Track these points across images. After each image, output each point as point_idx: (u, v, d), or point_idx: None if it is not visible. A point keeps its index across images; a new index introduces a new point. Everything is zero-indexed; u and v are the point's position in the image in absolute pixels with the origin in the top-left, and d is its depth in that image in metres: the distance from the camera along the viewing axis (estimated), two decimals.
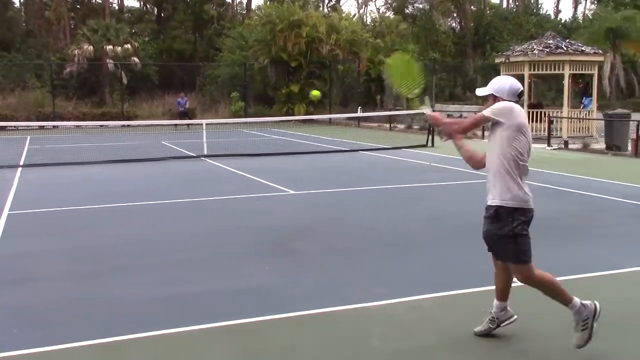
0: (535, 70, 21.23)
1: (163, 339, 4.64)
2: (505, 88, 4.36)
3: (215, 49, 40.86)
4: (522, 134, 4.21)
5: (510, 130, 4.20)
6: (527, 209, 4.23)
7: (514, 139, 4.20)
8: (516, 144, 4.21)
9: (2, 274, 6.29)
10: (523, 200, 4.21)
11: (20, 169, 14.82)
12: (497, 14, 49.86)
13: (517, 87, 4.37)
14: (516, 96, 4.38)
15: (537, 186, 11.69)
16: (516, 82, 4.43)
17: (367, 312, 5.16)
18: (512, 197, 4.21)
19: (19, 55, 37.64)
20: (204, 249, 7.30)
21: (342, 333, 4.73)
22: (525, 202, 4.22)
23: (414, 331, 4.77)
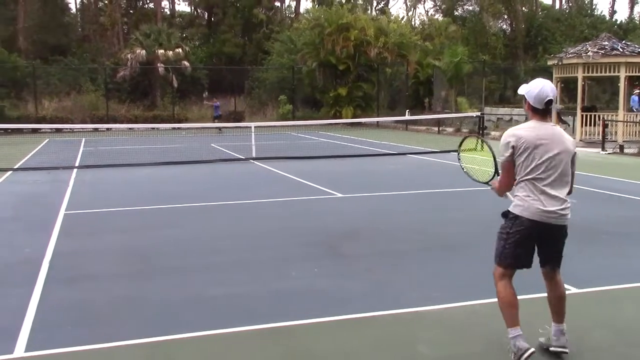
0: (589, 72, 20.70)
1: (210, 340, 4.69)
2: (533, 93, 4.10)
3: (264, 53, 41.24)
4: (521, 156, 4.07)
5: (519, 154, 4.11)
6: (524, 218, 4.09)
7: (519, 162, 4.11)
8: (519, 167, 4.11)
9: (58, 271, 6.46)
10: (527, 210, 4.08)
11: (75, 170, 15.25)
12: (549, 15, 48.85)
13: (544, 95, 4.05)
14: (543, 104, 4.07)
15: (590, 191, 11.41)
16: (547, 89, 4.08)
17: (416, 315, 5.11)
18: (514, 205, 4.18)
19: (74, 60, 38.77)
20: (252, 251, 7.36)
21: (391, 337, 4.70)
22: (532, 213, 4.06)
23: (466, 336, 4.70)
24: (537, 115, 4.13)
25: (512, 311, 4.13)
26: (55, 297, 5.69)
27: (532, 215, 4.07)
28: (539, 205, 4.05)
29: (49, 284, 6.01)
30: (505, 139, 4.14)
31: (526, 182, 4.08)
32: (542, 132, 4.07)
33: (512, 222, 4.14)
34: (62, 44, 40.95)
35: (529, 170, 4.06)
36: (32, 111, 30.55)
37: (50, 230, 8.39)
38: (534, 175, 4.05)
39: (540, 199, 4.05)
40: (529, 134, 4.07)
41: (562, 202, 4.11)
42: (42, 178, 13.86)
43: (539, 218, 4.06)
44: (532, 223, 4.08)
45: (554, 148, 4.05)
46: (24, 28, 39.41)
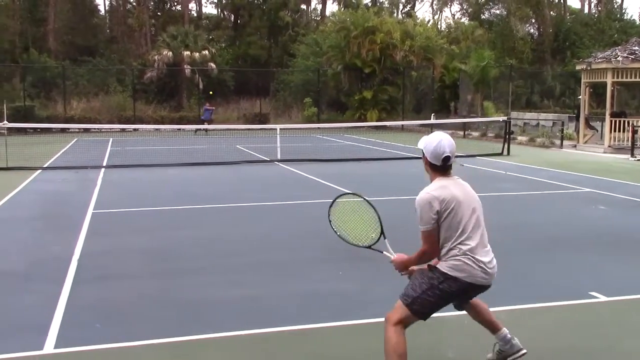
0: (618, 77, 20.41)
1: (234, 341, 4.71)
2: (430, 149, 3.83)
3: (290, 55, 41.38)
4: (448, 218, 3.74)
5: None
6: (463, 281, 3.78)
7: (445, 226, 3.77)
8: (445, 231, 3.77)
9: (87, 270, 6.55)
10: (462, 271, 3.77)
11: (103, 169, 15.44)
12: (577, 19, 48.28)
13: (441, 151, 3.79)
14: (440, 160, 3.82)
15: (619, 198, 11.25)
16: (445, 143, 3.82)
17: (442, 320, 5.08)
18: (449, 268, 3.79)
19: (102, 61, 39.27)
20: (277, 252, 7.38)
21: (416, 342, 4.67)
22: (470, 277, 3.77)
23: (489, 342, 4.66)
24: (438, 172, 3.88)
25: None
26: (84, 295, 5.77)
27: (470, 279, 3.77)
28: (473, 268, 3.75)
29: (77, 282, 6.09)
30: (429, 204, 3.74)
31: (454, 243, 3.76)
32: (455, 190, 3.81)
33: (442, 278, 3.78)
34: (91, 45, 41.51)
35: (455, 231, 3.75)
36: (61, 111, 31.00)
37: (79, 229, 8.50)
38: (461, 234, 3.75)
39: (475, 261, 3.75)
40: (447, 193, 3.77)
41: (492, 260, 3.87)
42: (70, 177, 14.06)
43: (475, 281, 3.79)
44: (467, 285, 3.79)
45: (470, 203, 3.82)
46: (54, 29, 40.03)
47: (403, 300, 3.88)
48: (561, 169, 15.54)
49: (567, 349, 4.56)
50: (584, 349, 4.53)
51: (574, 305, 5.48)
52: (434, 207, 3.73)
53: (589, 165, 16.71)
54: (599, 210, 10.15)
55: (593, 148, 21.08)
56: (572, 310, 5.40)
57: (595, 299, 5.62)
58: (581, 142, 21.95)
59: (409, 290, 3.89)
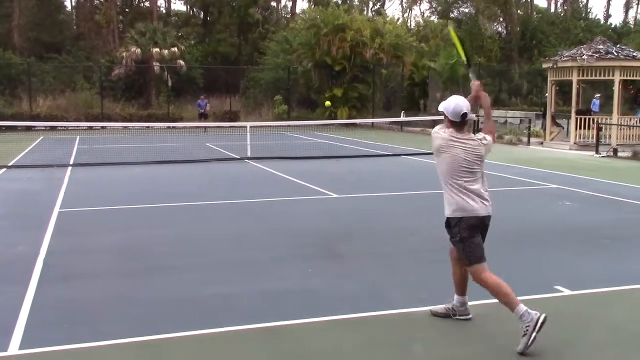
0: (584, 75, 20.78)
1: (203, 339, 4.69)
2: (449, 108, 4.67)
3: (260, 53, 41.22)
4: (441, 155, 4.65)
5: (435, 154, 4.74)
6: (470, 217, 4.59)
7: (438, 161, 4.70)
8: (441, 165, 4.67)
9: (52, 269, 6.46)
10: (464, 210, 4.59)
11: (70, 168, 15.21)
12: (544, 18, 49.00)
13: (459, 109, 4.62)
14: (459, 117, 4.63)
15: (585, 194, 11.46)
16: (461, 104, 4.65)
17: (410, 317, 5.13)
18: (454, 210, 4.65)
19: (69, 58, 38.64)
20: (246, 250, 7.37)
21: (385, 337, 4.72)
22: (467, 212, 4.58)
23: (459, 338, 4.73)
24: (455, 126, 4.69)
25: (509, 293, 4.50)
26: (50, 295, 5.68)
27: (475, 212, 4.60)
28: (472, 202, 4.60)
29: (43, 282, 6.00)
30: (434, 137, 4.75)
31: (450, 183, 4.63)
32: (457, 141, 4.65)
33: (458, 226, 4.64)
34: (57, 42, 40.82)
35: (453, 172, 4.62)
36: (27, 109, 30.40)
37: (45, 227, 8.38)
38: (457, 177, 4.59)
39: (467, 200, 4.60)
40: (449, 138, 4.66)
41: (485, 199, 4.68)
42: (36, 175, 13.83)
43: (481, 213, 4.62)
44: (477, 219, 4.62)
45: (467, 157, 4.61)
46: (19, 25, 39.27)
47: (467, 264, 4.67)
48: (528, 166, 15.78)
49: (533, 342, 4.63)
50: (548, 341, 4.61)
51: (539, 298, 5.57)
52: (436, 141, 4.73)
53: (555, 161, 17.00)
54: (564, 206, 10.34)
55: (559, 145, 21.44)
56: (537, 304, 5.46)
57: (560, 292, 5.73)
58: (548, 139, 22.31)
59: (463, 257, 4.70)
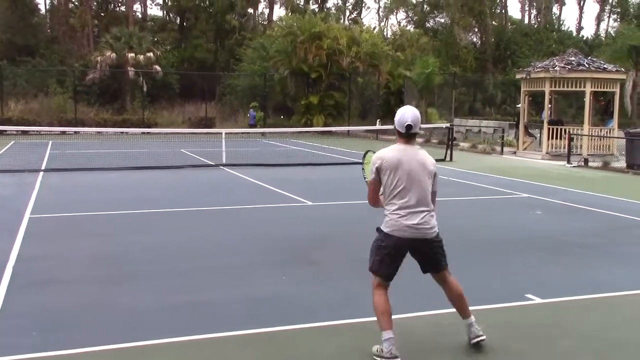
0: (556, 86, 21.11)
1: (179, 346, 4.66)
2: (396, 119, 4.47)
3: (236, 59, 41.17)
4: (385, 175, 4.40)
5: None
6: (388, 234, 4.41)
7: (384, 182, 4.44)
8: (385, 186, 4.44)
9: (23, 276, 6.35)
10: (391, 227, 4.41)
11: (41, 173, 15.00)
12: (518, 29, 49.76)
13: (404, 120, 4.40)
14: (403, 127, 4.41)
15: (556, 203, 11.62)
16: (407, 114, 4.41)
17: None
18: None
19: (42, 61, 38.19)
20: (221, 257, 7.33)
21: (359, 345, 4.72)
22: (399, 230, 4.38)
23: (430, 347, 4.75)
24: (402, 138, 4.47)
25: (384, 317, 4.41)
26: (20, 302, 5.59)
27: (401, 232, 4.37)
28: (404, 221, 4.36)
29: (12, 289, 5.90)
30: (374, 161, 4.46)
31: (390, 201, 4.41)
32: (403, 154, 4.41)
33: (383, 237, 4.45)
34: (31, 45, 40.30)
35: (391, 190, 4.39)
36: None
37: (15, 234, 8.24)
38: (397, 193, 4.37)
39: (405, 216, 4.36)
40: (392, 155, 4.42)
41: (422, 216, 4.41)
42: (6, 181, 13.61)
43: (408, 234, 4.38)
44: (397, 240, 4.39)
45: (413, 169, 4.39)
46: None
47: (369, 268, 4.53)
48: (501, 175, 15.96)
49: (502, 350, 4.68)
50: (519, 349, 4.66)
51: (510, 307, 5.64)
52: (375, 164, 4.44)
53: (527, 171, 17.22)
54: (536, 215, 10.47)
55: (532, 155, 21.72)
56: (508, 312, 5.55)
57: (531, 300, 5.80)
58: (521, 149, 22.59)
59: (369, 260, 4.54)
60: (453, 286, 4.64)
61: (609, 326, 5.26)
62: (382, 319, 4.37)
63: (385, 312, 4.39)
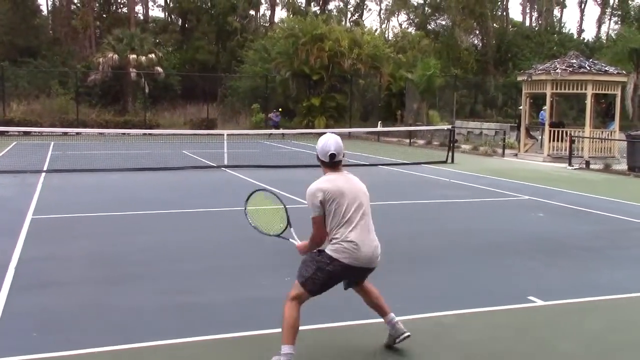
0: (557, 89, 21.11)
1: (179, 348, 4.66)
2: (318, 148, 4.35)
3: (238, 61, 41.20)
4: (331, 206, 4.22)
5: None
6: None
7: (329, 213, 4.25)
8: (330, 218, 4.25)
9: (24, 277, 6.36)
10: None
11: (43, 174, 15.02)
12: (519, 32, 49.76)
13: (326, 149, 4.28)
14: (327, 157, 4.30)
15: (557, 205, 11.62)
16: (330, 143, 4.30)
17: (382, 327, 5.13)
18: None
19: (44, 62, 38.23)
20: (223, 259, 7.34)
21: (361, 347, 4.73)
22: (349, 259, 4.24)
23: (433, 347, 4.75)
24: (328, 167, 4.35)
25: (290, 332, 4.27)
26: (21, 303, 5.60)
27: (350, 261, 4.22)
28: (360, 253, 4.21)
29: (14, 290, 5.91)
30: (314, 195, 4.23)
31: (338, 230, 4.22)
32: (340, 182, 4.28)
33: (329, 260, 4.23)
34: (33, 46, 40.36)
35: (339, 218, 4.21)
36: (0, 113, 30.01)
37: (17, 235, 8.25)
38: (344, 222, 4.21)
39: (361, 248, 4.22)
40: (331, 185, 4.24)
41: (374, 246, 4.34)
42: (8, 182, 13.63)
43: (359, 264, 4.25)
44: (347, 266, 4.23)
45: (355, 195, 4.28)
46: None
47: (299, 279, 4.33)
48: (502, 177, 15.95)
49: (505, 352, 4.68)
50: (521, 352, 4.66)
51: (512, 309, 5.64)
52: (318, 197, 4.21)
53: (529, 173, 17.21)
54: (537, 217, 10.47)
55: (533, 157, 21.72)
56: (511, 314, 5.55)
57: (533, 303, 5.80)
58: (522, 151, 22.59)
59: (302, 271, 4.34)
60: (370, 289, 4.60)
61: (611, 329, 5.26)
62: (291, 333, 4.22)
63: (296, 327, 4.26)
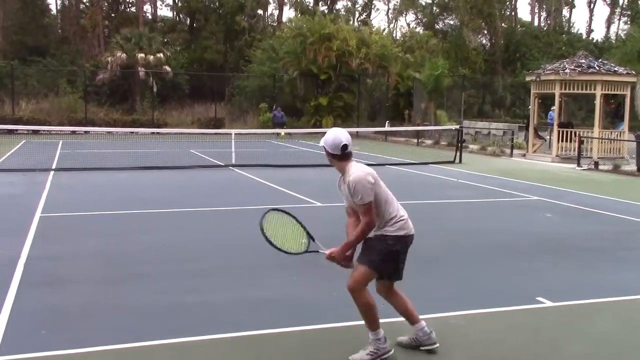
0: (566, 89, 21.01)
1: (185, 347, 4.67)
2: (329, 143, 4.43)
3: (246, 60, 41.23)
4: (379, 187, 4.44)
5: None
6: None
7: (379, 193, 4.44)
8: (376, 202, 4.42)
9: (32, 275, 6.39)
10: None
11: (52, 172, 15.08)
12: (527, 32, 49.56)
13: (338, 141, 4.39)
14: (339, 149, 4.41)
15: (565, 206, 11.57)
16: (340, 136, 4.41)
17: (392, 326, 5.13)
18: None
19: (53, 61, 38.38)
20: (230, 258, 7.34)
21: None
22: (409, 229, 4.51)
23: (440, 348, 4.73)
24: (343, 159, 4.47)
25: (375, 317, 4.45)
26: (30, 301, 5.62)
27: (408, 231, 4.49)
28: (408, 221, 4.52)
29: (23, 288, 5.93)
30: (366, 180, 4.33)
31: (387, 209, 4.44)
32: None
33: (396, 241, 4.42)
34: (42, 45, 40.53)
35: (385, 197, 4.44)
36: (9, 112, 30.14)
37: (26, 233, 8.29)
38: (389, 199, 4.47)
39: (406, 216, 4.52)
40: (370, 169, 4.47)
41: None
42: (17, 180, 13.69)
43: (412, 232, 4.52)
44: (410, 238, 4.50)
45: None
46: (3, 28, 38.98)
47: (369, 264, 4.42)
48: (511, 177, 15.90)
49: (514, 353, 4.66)
50: (531, 353, 4.64)
51: (521, 310, 5.62)
52: (371, 181, 4.34)
53: (537, 173, 17.14)
54: (546, 218, 10.43)
55: (541, 157, 21.64)
56: (519, 315, 5.53)
57: (542, 304, 5.77)
58: (530, 151, 22.50)
59: (372, 257, 4.43)
60: (400, 294, 4.66)
61: (620, 330, 5.23)
62: (373, 316, 4.42)
63: (376, 308, 4.45)
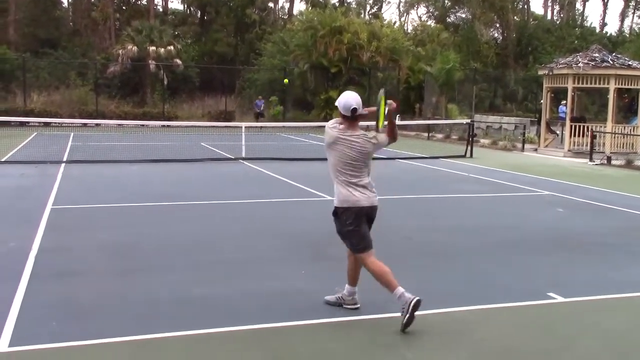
0: (579, 83, 20.85)
1: (194, 340, 4.66)
2: (340, 103, 4.90)
3: (256, 53, 41.20)
4: (329, 150, 4.96)
5: (326, 148, 5.02)
6: (354, 207, 4.89)
7: (328, 155, 5.01)
8: (329, 159, 5.00)
9: (43, 267, 6.41)
10: (350, 201, 4.90)
11: (63, 164, 15.14)
12: (540, 25, 49.15)
13: (349, 104, 4.84)
14: (349, 111, 4.84)
15: (577, 201, 11.49)
16: (351, 99, 4.84)
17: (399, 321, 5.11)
18: (340, 201, 4.94)
19: (64, 54, 38.50)
20: (239, 251, 7.34)
21: (377, 341, 4.70)
22: (352, 203, 4.89)
23: (451, 343, 4.71)
24: (347, 121, 4.92)
25: (390, 279, 4.88)
26: (41, 292, 5.64)
27: (359, 203, 4.90)
28: (357, 194, 4.91)
29: (34, 279, 5.96)
30: (328, 132, 4.95)
31: (337, 175, 4.94)
32: (347, 133, 4.90)
33: (350, 215, 4.91)
34: (53, 38, 40.66)
35: (342, 161, 4.90)
36: (21, 104, 30.29)
37: (37, 224, 8.32)
38: (344, 169, 4.90)
39: (352, 192, 4.92)
40: (337, 132, 4.91)
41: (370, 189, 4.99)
42: (29, 172, 13.76)
43: (364, 204, 4.91)
44: (363, 209, 4.92)
45: (355, 147, 4.88)
46: (15, 21, 39.11)
47: (355, 251, 5.04)
48: (522, 172, 15.81)
49: (525, 348, 4.63)
50: (541, 348, 4.61)
51: (531, 305, 5.58)
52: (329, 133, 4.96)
53: (549, 168, 17.04)
54: (558, 213, 10.35)
55: (553, 152, 21.50)
56: (530, 311, 5.49)
57: (553, 299, 5.73)
58: (542, 146, 22.37)
59: (351, 247, 5.08)
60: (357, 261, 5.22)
61: (633, 326, 5.18)
62: (389, 278, 4.86)
63: (388, 271, 4.91)
